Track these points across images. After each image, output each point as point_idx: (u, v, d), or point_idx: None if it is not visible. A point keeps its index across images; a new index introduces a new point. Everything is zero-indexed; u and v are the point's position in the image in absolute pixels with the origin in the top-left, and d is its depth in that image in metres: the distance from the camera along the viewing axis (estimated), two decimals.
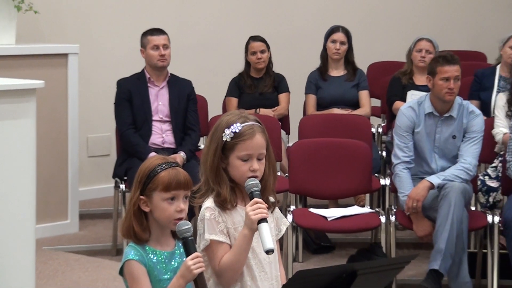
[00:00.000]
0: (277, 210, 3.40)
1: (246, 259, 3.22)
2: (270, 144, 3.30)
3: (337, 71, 6.93)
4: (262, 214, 3.12)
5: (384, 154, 6.83)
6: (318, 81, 6.91)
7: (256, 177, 3.21)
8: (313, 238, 6.22)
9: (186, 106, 6.16)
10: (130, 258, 3.10)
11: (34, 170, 4.70)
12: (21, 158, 4.63)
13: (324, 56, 6.94)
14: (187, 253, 3.06)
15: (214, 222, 3.22)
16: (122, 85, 6.14)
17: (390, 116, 6.80)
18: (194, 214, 3.84)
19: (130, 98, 6.08)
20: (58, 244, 6.17)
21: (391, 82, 6.80)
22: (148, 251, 3.13)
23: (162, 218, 3.12)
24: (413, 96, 6.40)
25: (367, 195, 6.07)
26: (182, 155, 5.94)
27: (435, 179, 5.36)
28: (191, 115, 6.17)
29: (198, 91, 6.35)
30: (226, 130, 3.23)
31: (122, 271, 3.14)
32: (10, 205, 4.58)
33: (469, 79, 6.60)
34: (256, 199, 3.15)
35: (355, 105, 6.83)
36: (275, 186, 3.35)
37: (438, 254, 5.14)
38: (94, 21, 7.28)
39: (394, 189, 5.63)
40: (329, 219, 5.46)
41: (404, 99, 6.54)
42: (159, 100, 6.13)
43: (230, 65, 7.28)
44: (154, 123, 6.09)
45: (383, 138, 7.18)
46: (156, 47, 6.07)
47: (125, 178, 6.03)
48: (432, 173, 5.46)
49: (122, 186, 6.02)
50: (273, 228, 3.31)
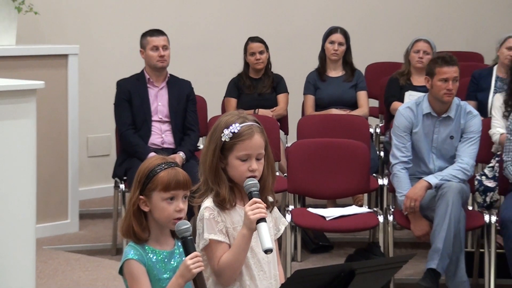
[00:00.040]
0: (275, 209, 3.40)
1: (245, 259, 3.23)
2: (268, 144, 3.30)
3: (335, 72, 6.94)
4: (261, 214, 3.12)
5: (382, 154, 6.83)
6: (316, 81, 6.92)
7: (255, 177, 3.21)
8: (311, 238, 6.22)
9: (185, 107, 6.16)
10: (130, 258, 3.10)
11: (34, 170, 4.70)
12: (21, 158, 4.63)
13: (322, 57, 6.96)
14: (186, 252, 3.06)
15: (213, 222, 3.22)
16: (122, 85, 6.14)
17: (388, 116, 6.80)
18: (193, 214, 3.86)
19: (130, 99, 6.08)
20: (58, 243, 6.17)
21: (389, 83, 6.81)
22: (147, 251, 3.13)
23: (162, 218, 3.12)
24: (410, 96, 6.40)
25: (365, 195, 6.06)
26: (181, 155, 5.94)
27: (433, 179, 5.36)
28: (191, 116, 6.18)
29: (197, 92, 6.35)
30: (225, 130, 3.23)
31: (121, 271, 3.14)
32: (10, 204, 4.58)
33: (466, 80, 6.58)
34: (255, 199, 3.15)
35: (353, 105, 6.85)
36: (274, 186, 3.35)
37: (436, 253, 5.14)
38: (94, 21, 7.28)
39: (392, 189, 5.63)
40: (327, 219, 5.46)
41: (401, 100, 6.55)
42: (159, 100, 6.13)
43: (229, 65, 7.28)
44: (153, 124, 6.09)
45: (381, 138, 7.19)
46: (155, 48, 6.08)
47: (124, 178, 6.03)
48: (429, 173, 5.46)
49: (122, 186, 6.02)
50: (271, 227, 3.31)
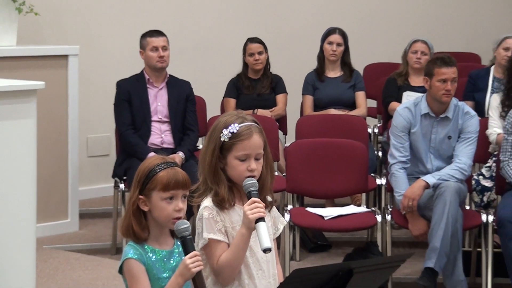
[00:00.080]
0: (274, 209, 3.41)
1: (244, 258, 3.24)
2: (267, 144, 3.31)
3: (333, 72, 6.96)
4: (260, 213, 3.13)
5: (380, 154, 6.83)
6: (315, 82, 6.93)
7: (253, 176, 3.22)
8: (310, 237, 6.23)
9: (185, 107, 6.18)
10: (129, 257, 3.11)
11: (34, 170, 4.72)
12: (21, 158, 4.64)
13: (320, 57, 6.97)
14: (186, 251, 3.07)
15: (212, 221, 3.23)
16: (122, 86, 6.15)
17: (386, 116, 6.80)
18: (192, 213, 3.88)
19: (130, 99, 6.09)
20: (59, 243, 6.18)
21: (387, 83, 6.81)
22: (147, 250, 3.14)
23: (161, 217, 3.13)
24: (408, 97, 6.41)
25: (363, 195, 6.05)
26: (180, 155, 5.95)
27: (431, 179, 5.37)
28: (190, 116, 6.19)
29: (196, 92, 6.36)
30: (224, 131, 3.24)
31: (121, 270, 3.14)
32: (10, 204, 4.59)
33: (463, 80, 6.59)
34: (253, 199, 3.16)
35: (352, 105, 6.86)
36: (273, 185, 3.35)
37: (433, 252, 5.14)
38: (94, 22, 7.29)
39: (390, 188, 5.64)
40: (326, 218, 5.47)
41: (399, 100, 6.56)
42: (158, 101, 6.15)
43: (228, 66, 7.29)
44: (153, 124, 6.10)
45: (379, 138, 7.20)
46: (155, 49, 6.09)
47: (124, 177, 6.04)
48: (427, 173, 5.47)
49: (122, 186, 6.03)
50: (270, 227, 3.32)
